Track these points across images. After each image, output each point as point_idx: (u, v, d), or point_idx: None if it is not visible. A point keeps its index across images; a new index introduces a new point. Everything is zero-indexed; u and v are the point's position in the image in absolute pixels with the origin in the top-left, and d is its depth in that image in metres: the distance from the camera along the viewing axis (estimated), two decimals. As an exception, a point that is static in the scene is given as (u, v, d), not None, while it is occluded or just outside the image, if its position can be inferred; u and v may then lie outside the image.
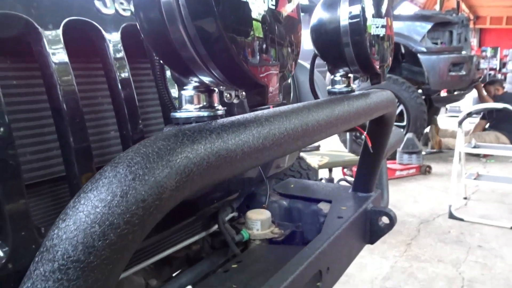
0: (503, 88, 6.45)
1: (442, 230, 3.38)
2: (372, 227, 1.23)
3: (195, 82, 0.50)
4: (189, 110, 0.50)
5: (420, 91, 5.91)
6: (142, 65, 0.93)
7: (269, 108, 0.61)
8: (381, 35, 0.90)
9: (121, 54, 0.80)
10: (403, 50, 5.87)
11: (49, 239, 0.33)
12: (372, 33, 0.86)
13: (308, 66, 1.30)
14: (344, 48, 0.88)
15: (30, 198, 0.72)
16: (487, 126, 6.14)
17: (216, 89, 0.52)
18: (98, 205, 0.33)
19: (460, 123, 3.72)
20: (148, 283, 1.34)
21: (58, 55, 0.70)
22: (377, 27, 0.89)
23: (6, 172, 0.62)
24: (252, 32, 0.48)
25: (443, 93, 6.73)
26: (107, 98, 0.85)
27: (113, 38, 0.77)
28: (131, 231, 0.34)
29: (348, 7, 0.88)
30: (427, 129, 6.21)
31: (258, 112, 0.52)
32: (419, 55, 5.46)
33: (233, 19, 0.45)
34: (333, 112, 0.67)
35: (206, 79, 0.48)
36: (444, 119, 8.74)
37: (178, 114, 0.50)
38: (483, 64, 12.04)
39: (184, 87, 0.51)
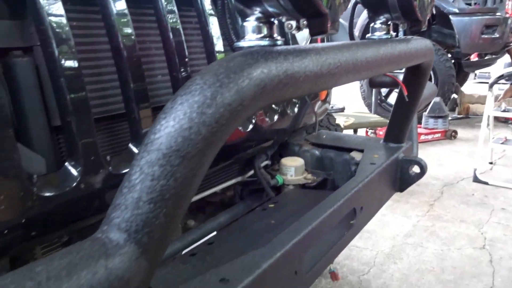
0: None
1: (465, 193, 3.41)
2: (403, 175, 1.28)
3: (258, 12, 0.54)
4: (252, 40, 0.55)
5: (449, 55, 5.76)
6: (190, 13, 0.97)
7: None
8: None
9: (172, 2, 0.85)
10: (434, 12, 5.68)
11: (152, 133, 0.40)
12: None
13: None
14: None
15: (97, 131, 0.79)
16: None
17: (276, 21, 0.56)
18: (193, 105, 0.39)
19: (491, 86, 3.66)
20: (186, 223, 1.43)
21: (118, 2, 0.75)
22: None
23: (79, 105, 0.69)
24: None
25: (474, 58, 6.53)
26: (158, 43, 0.90)
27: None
28: (219, 129, 0.40)
29: None
30: (455, 94, 6.09)
31: (314, 44, 0.57)
32: (450, 17, 5.29)
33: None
34: (378, 51, 0.70)
35: (271, 8, 0.53)
36: (473, 86, 8.51)
37: (241, 43, 0.55)
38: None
39: (247, 19, 0.55)
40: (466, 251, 2.51)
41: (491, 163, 4.07)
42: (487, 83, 7.96)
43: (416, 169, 1.28)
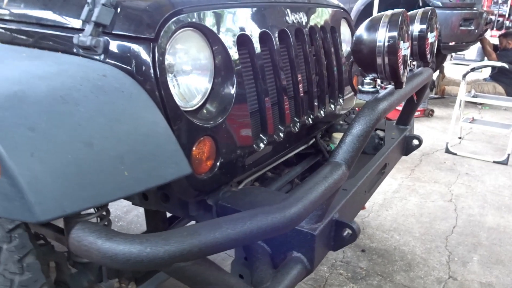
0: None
1: (439, 161, 4.30)
2: (408, 145, 2.08)
3: (371, 76, 1.29)
4: (367, 88, 1.30)
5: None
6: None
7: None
8: (406, 54, 1.57)
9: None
10: (420, 3, 6.44)
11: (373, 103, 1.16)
12: (401, 54, 1.53)
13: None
14: (377, 62, 1.34)
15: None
16: (487, 76, 6.87)
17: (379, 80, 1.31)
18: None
19: (464, 76, 4.50)
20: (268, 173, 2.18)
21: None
22: (403, 49, 1.53)
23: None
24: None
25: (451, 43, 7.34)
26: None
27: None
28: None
29: (386, 32, 1.47)
30: (434, 76, 6.94)
31: (384, 95, 1.33)
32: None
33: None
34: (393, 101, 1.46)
35: (375, 76, 1.28)
36: (449, 66, 9.40)
37: (364, 89, 1.30)
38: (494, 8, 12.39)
39: (364, 78, 1.30)
40: (438, 203, 3.39)
41: (460, 138, 4.97)
42: (462, 64, 8.85)
43: (415, 142, 2.09)
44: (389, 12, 1.32)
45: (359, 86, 1.40)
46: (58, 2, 1.22)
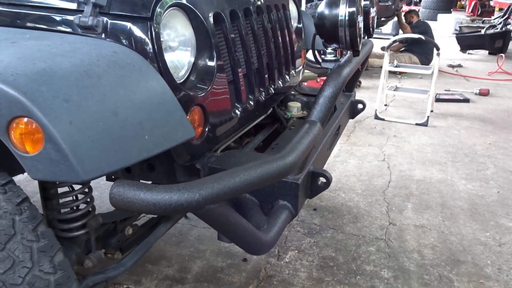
0: (418, 16, 7.76)
1: (370, 126, 4.73)
2: (354, 109, 2.36)
3: (332, 47, 1.49)
4: (330, 57, 1.50)
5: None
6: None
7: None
8: (360, 26, 1.87)
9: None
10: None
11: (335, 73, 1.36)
12: (358, 26, 1.83)
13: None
14: (339, 33, 1.75)
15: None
16: (402, 48, 7.52)
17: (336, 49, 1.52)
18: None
19: (388, 48, 4.94)
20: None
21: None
22: (359, 22, 1.83)
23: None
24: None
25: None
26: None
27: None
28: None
29: (346, 8, 1.77)
30: (357, 50, 7.44)
31: (345, 62, 1.55)
32: (356, -13, 6.48)
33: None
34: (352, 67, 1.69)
35: (336, 46, 1.49)
36: (369, 41, 10.06)
37: (327, 58, 1.50)
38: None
39: (326, 49, 1.50)
40: (374, 163, 3.79)
41: (386, 105, 5.48)
42: (381, 38, 9.50)
43: (360, 106, 2.37)
44: (347, -10, 1.54)
45: (323, 56, 1.62)
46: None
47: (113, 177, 1.88)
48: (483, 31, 8.71)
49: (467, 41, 8.69)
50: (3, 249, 1.04)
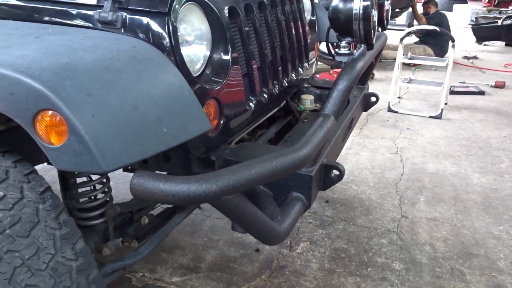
0: (436, 7, 7.62)
1: (383, 119, 4.72)
2: (366, 102, 2.36)
3: (346, 40, 1.50)
4: (344, 51, 1.51)
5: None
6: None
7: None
8: (375, 19, 1.86)
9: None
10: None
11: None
12: (372, 20, 1.83)
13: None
14: (353, 27, 1.74)
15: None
16: (417, 40, 7.44)
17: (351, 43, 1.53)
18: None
19: (402, 39, 4.90)
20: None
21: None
22: (374, 16, 1.83)
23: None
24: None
25: (385, 10, 7.81)
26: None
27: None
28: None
29: (360, 1, 1.76)
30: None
31: (359, 56, 1.56)
32: (370, -23, 6.42)
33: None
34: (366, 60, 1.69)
35: (350, 40, 1.50)
36: (382, 32, 9.96)
37: (341, 51, 1.51)
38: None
39: (341, 42, 1.51)
40: (386, 156, 3.79)
41: (399, 97, 5.44)
42: (395, 29, 9.42)
43: (373, 98, 2.37)
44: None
45: (336, 49, 1.63)
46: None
47: (129, 168, 1.93)
48: (499, 22, 8.56)
49: (483, 32, 8.55)
50: (28, 235, 1.08)
